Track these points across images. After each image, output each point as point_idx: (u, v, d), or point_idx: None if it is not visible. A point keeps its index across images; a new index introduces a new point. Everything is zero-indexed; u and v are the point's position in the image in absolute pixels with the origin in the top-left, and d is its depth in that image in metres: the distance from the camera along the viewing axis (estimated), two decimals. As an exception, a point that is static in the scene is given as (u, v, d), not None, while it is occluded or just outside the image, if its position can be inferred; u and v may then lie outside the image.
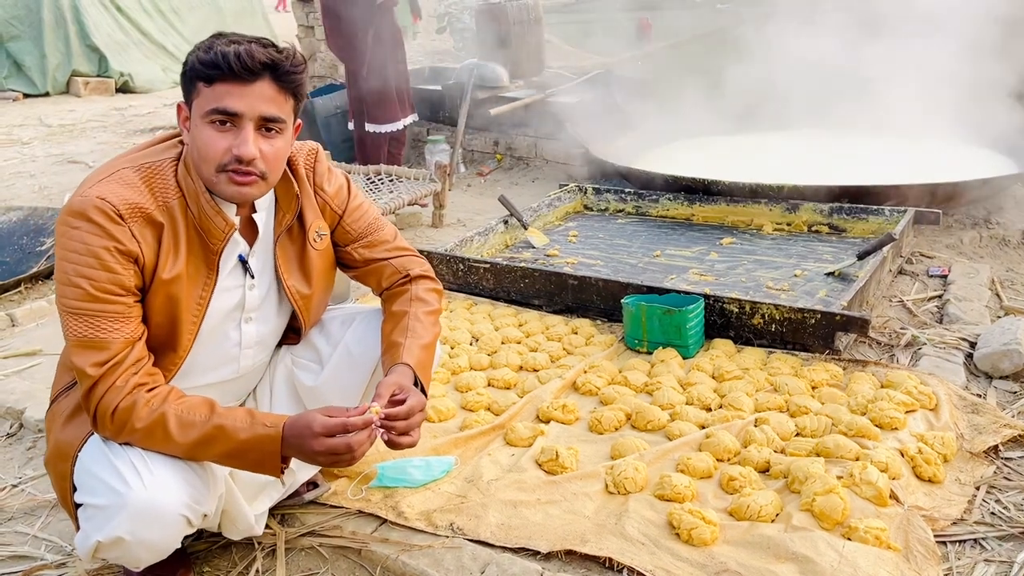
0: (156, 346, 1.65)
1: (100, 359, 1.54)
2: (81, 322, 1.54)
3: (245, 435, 1.55)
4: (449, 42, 9.97)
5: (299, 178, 1.80)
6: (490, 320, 3.22)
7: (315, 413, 1.57)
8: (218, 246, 1.67)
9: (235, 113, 1.53)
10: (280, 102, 1.58)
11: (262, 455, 1.57)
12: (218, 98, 1.53)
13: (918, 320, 3.08)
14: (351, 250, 1.91)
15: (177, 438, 1.55)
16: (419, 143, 6.35)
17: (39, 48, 10.69)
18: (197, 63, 1.54)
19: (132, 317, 1.58)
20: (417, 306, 1.88)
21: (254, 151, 1.55)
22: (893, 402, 2.36)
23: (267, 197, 1.75)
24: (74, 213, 1.53)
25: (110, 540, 1.54)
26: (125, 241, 1.54)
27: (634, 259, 3.76)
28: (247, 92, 1.53)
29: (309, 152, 1.84)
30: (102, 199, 1.53)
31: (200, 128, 1.56)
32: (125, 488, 1.53)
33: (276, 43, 1.58)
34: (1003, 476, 2.15)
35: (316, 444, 1.54)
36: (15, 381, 2.92)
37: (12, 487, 2.36)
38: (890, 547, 1.79)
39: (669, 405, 2.48)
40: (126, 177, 1.59)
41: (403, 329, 1.83)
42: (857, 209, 3.92)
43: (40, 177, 6.48)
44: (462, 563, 1.83)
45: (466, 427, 2.43)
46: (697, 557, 1.81)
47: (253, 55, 1.52)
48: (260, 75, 1.54)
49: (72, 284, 1.53)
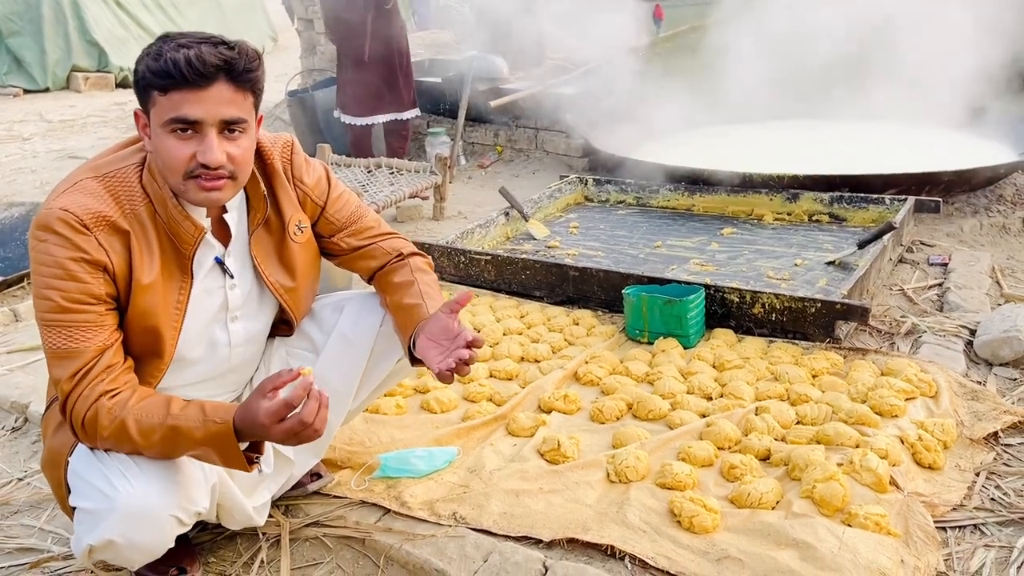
0: (140, 353, 1.65)
1: (73, 369, 1.53)
2: (55, 333, 1.54)
3: (200, 433, 1.52)
4: (449, 34, 9.94)
5: (275, 172, 1.77)
6: (492, 312, 3.23)
7: (256, 402, 1.49)
8: (189, 251, 1.65)
9: (195, 120, 1.49)
10: (239, 102, 1.54)
11: (223, 450, 1.54)
12: (175, 107, 1.49)
13: (918, 308, 3.09)
14: (337, 240, 1.91)
15: (141, 442, 1.53)
16: (419, 136, 6.35)
17: (39, 44, 10.67)
18: (148, 72, 1.49)
19: (105, 326, 1.57)
20: (421, 275, 1.89)
21: (221, 157, 1.52)
22: (893, 389, 2.37)
23: (237, 196, 1.72)
24: (40, 227, 1.54)
25: (101, 543, 1.55)
26: (91, 251, 1.53)
27: (635, 250, 3.77)
28: (204, 97, 1.49)
29: (284, 145, 1.81)
30: (65, 210, 1.53)
31: (161, 137, 1.52)
32: (113, 492, 1.54)
33: (227, 40, 1.53)
34: (1003, 462, 2.16)
35: (273, 432, 1.49)
36: (19, 376, 2.94)
37: (18, 480, 2.38)
38: (890, 533, 1.81)
39: (670, 394, 2.49)
40: (88, 187, 1.57)
41: (416, 293, 1.83)
42: (857, 198, 3.92)
43: (41, 173, 6.49)
44: (465, 552, 1.84)
45: (468, 418, 2.44)
46: (698, 544, 1.83)
47: (204, 59, 1.47)
48: (214, 78, 1.49)
49: (43, 297, 1.53)
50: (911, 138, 5.12)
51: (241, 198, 1.75)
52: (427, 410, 2.49)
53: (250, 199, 1.76)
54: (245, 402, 1.54)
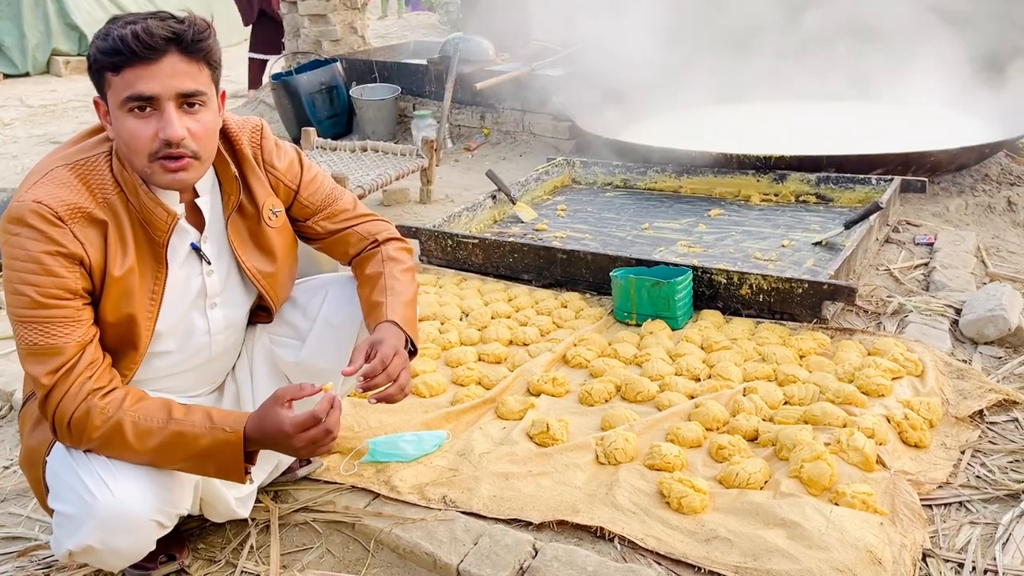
0: (115, 346, 1.60)
1: (53, 366, 1.49)
2: (31, 330, 1.48)
3: (206, 441, 1.51)
4: (434, 16, 9.87)
5: (244, 157, 1.74)
6: (480, 295, 3.22)
7: (278, 411, 1.51)
8: (163, 238, 1.61)
9: (151, 96, 1.46)
10: (194, 74, 1.50)
11: (224, 461, 1.53)
12: (129, 85, 1.45)
13: (904, 288, 3.11)
14: (312, 224, 1.88)
15: (135, 446, 1.50)
16: (405, 118, 6.31)
17: (18, 27, 10.53)
18: (98, 53, 1.46)
19: (83, 321, 1.53)
20: (391, 265, 1.86)
21: (181, 131, 1.48)
22: (880, 369, 2.39)
23: (208, 180, 1.69)
24: (12, 219, 1.48)
25: (81, 549, 1.53)
26: (67, 244, 1.49)
27: (622, 232, 3.76)
28: (156, 71, 1.45)
29: (254, 129, 1.78)
30: (39, 203, 1.47)
31: (121, 120, 1.49)
32: (91, 498, 1.51)
33: (175, 15, 1.50)
34: (988, 440, 2.18)
35: (296, 442, 1.52)
36: (3, 363, 2.92)
37: (4, 469, 2.37)
38: (877, 511, 1.82)
39: (658, 376, 2.49)
40: (61, 177, 1.52)
41: (382, 289, 1.81)
42: (844, 179, 3.92)
43: (23, 158, 6.42)
44: (455, 535, 1.84)
45: (457, 401, 2.44)
46: (687, 525, 1.84)
47: (151, 31, 1.44)
48: (165, 50, 1.45)
49: (18, 292, 1.48)
50: (897, 118, 5.13)
51: (213, 182, 1.71)
52: (416, 394, 2.49)
53: (222, 183, 1.72)
54: (259, 411, 1.54)
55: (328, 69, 6.35)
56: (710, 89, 5.62)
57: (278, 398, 1.53)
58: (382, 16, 14.13)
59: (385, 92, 6.33)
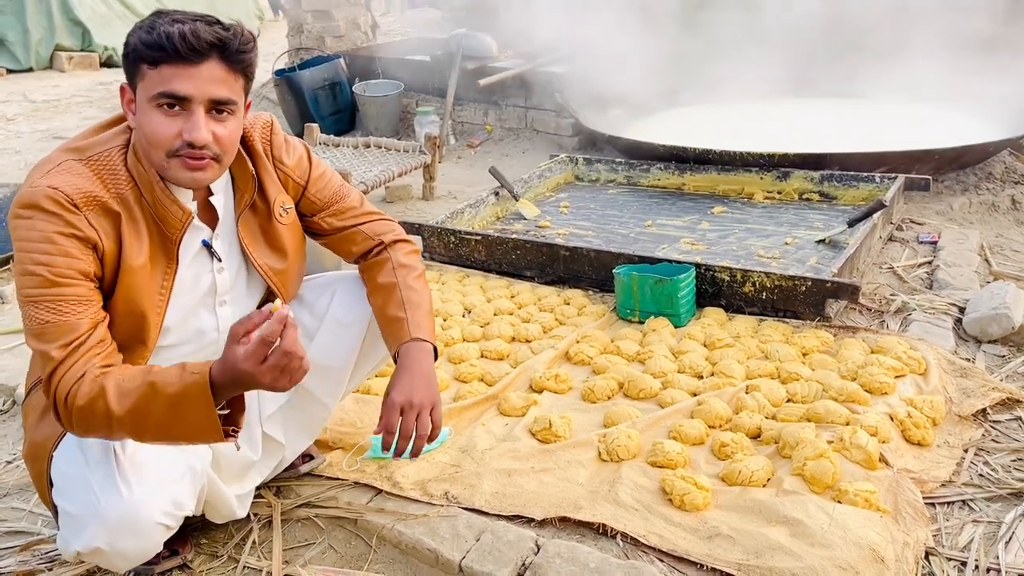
0: (124, 340, 1.58)
1: (66, 340, 1.45)
2: (42, 309, 1.45)
3: (174, 388, 1.41)
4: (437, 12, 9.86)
5: (256, 153, 1.74)
6: (482, 292, 3.22)
7: (234, 348, 1.38)
8: (176, 235, 1.61)
9: (184, 97, 1.46)
10: (230, 83, 1.50)
11: (196, 409, 1.41)
12: (164, 81, 1.45)
13: (908, 286, 3.10)
14: (319, 220, 1.88)
15: (114, 410, 1.42)
16: (408, 115, 6.30)
17: (21, 22, 10.52)
18: (140, 44, 1.45)
19: (94, 301, 1.51)
20: (403, 274, 1.85)
21: (207, 136, 1.48)
22: (883, 367, 2.38)
23: (223, 178, 1.69)
24: (25, 204, 1.46)
25: (89, 550, 1.53)
26: (83, 228, 1.47)
27: (625, 229, 3.76)
28: (195, 74, 1.45)
29: (264, 126, 1.78)
30: (54, 188, 1.46)
31: (147, 112, 1.48)
32: (97, 500, 1.50)
33: (222, 20, 1.50)
34: (991, 439, 2.18)
35: (259, 375, 1.38)
36: (7, 358, 2.92)
37: (7, 463, 2.37)
38: (879, 509, 1.82)
39: (661, 373, 2.49)
40: (74, 167, 1.51)
41: (399, 303, 1.80)
42: (847, 176, 3.92)
43: (26, 154, 6.42)
44: (457, 531, 1.84)
45: (460, 398, 2.44)
46: (690, 522, 1.83)
47: (199, 35, 1.44)
48: (207, 55, 1.46)
49: (29, 273, 1.45)
50: (901, 116, 5.12)
51: (227, 180, 1.72)
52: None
53: (236, 181, 1.72)
54: (222, 354, 1.42)
55: (331, 65, 6.35)
56: (714, 87, 5.62)
57: (233, 334, 1.40)
58: (385, 13, 14.14)
59: (388, 88, 6.33)
